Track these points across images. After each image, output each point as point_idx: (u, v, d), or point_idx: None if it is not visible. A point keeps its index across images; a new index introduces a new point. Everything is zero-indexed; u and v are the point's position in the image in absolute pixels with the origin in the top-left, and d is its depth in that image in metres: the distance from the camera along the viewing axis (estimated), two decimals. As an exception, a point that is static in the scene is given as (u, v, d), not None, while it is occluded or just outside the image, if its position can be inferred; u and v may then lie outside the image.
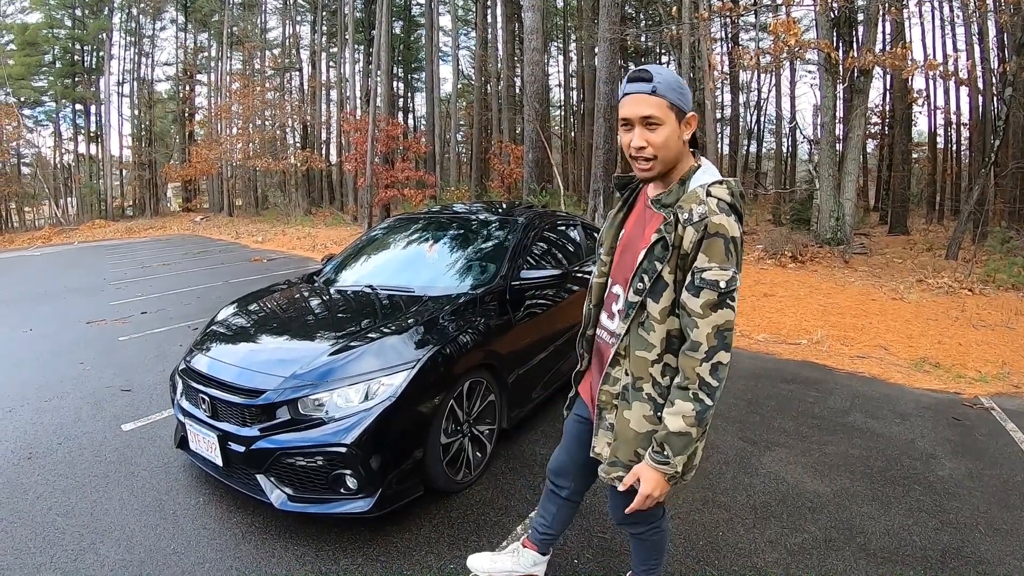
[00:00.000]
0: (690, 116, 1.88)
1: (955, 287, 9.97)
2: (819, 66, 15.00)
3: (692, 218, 1.78)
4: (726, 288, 1.75)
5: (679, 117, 1.85)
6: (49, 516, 3.31)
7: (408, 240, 4.94)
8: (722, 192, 1.82)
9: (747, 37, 30.86)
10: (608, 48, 13.70)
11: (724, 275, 1.74)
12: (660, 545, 2.36)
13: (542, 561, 2.73)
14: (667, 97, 1.81)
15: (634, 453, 1.98)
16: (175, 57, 39.93)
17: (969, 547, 3.09)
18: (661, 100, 1.81)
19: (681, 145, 1.89)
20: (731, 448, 4.19)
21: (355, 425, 2.96)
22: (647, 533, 2.30)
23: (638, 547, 2.38)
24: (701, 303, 1.76)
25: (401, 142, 24.11)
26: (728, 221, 1.76)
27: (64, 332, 7.57)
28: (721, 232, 1.75)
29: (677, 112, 1.83)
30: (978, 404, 5.24)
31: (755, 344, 6.94)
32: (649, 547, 2.35)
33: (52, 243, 23.73)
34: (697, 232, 1.76)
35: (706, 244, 1.75)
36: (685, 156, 1.92)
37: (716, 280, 1.74)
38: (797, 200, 20.66)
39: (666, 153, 1.85)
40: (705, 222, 1.76)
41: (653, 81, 1.81)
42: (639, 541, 2.35)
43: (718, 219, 1.76)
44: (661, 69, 1.84)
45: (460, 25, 33.49)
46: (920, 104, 23.44)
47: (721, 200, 1.80)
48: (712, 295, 1.75)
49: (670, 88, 1.81)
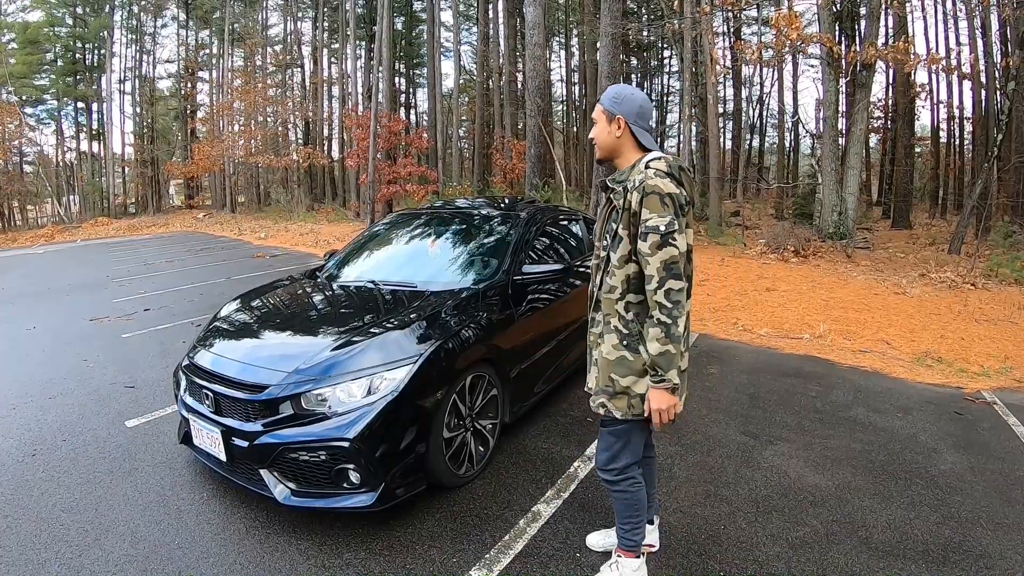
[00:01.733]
0: (617, 118, 2.43)
1: (958, 282, 9.96)
2: (821, 60, 14.96)
3: (636, 184, 2.32)
4: (666, 230, 2.23)
5: (609, 119, 2.45)
6: (54, 512, 3.32)
7: (410, 235, 4.95)
8: (659, 164, 2.35)
9: (749, 31, 30.75)
10: (610, 43, 13.69)
11: (663, 220, 2.23)
12: (635, 499, 2.59)
13: (652, 530, 2.95)
14: (603, 104, 2.47)
15: (608, 379, 2.46)
16: (176, 54, 39.83)
17: (971, 541, 3.09)
18: (600, 106, 2.49)
19: (613, 139, 2.46)
20: (733, 442, 4.20)
21: (358, 420, 2.97)
22: (623, 483, 2.56)
23: (618, 504, 2.63)
24: (648, 244, 2.25)
25: (403, 138, 24.07)
26: (663, 182, 2.28)
27: (68, 329, 7.58)
28: (656, 190, 2.26)
29: (608, 115, 2.45)
30: (980, 399, 5.24)
31: (757, 338, 6.94)
32: (626, 501, 2.59)
33: (55, 241, 23.73)
34: (639, 193, 2.29)
35: (645, 200, 2.27)
36: (625, 148, 2.47)
37: (656, 225, 2.24)
38: (800, 195, 20.62)
39: (600, 142, 2.50)
40: (643, 184, 2.28)
41: (601, 95, 2.52)
42: (616, 495, 2.60)
43: (653, 181, 2.27)
44: (617, 86, 2.51)
45: (462, 20, 33.41)
46: (923, 98, 23.35)
47: (659, 170, 2.32)
48: (656, 237, 2.24)
49: (607, 98, 2.47)
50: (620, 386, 2.42)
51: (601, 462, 2.58)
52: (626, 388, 2.41)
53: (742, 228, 16.17)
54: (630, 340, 2.40)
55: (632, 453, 2.54)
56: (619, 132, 2.43)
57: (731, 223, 18.06)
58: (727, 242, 14.50)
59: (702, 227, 16.48)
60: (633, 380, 2.40)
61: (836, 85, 14.30)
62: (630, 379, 2.40)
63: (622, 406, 2.43)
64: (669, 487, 3.57)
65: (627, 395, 2.41)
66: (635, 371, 2.39)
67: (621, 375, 2.41)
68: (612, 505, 2.67)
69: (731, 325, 7.44)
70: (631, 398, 2.41)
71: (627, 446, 2.51)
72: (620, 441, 2.51)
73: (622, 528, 2.64)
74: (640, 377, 2.39)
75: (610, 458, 2.54)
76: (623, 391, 2.42)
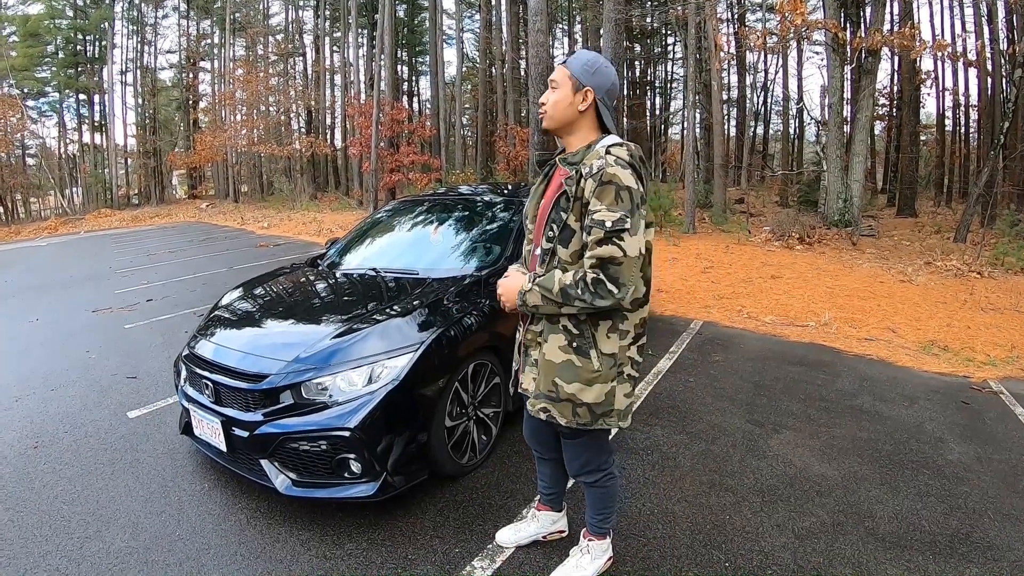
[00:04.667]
0: (586, 90, 2.18)
1: (964, 270, 9.90)
2: (826, 47, 14.85)
3: (592, 170, 2.08)
4: (612, 228, 2.01)
5: (576, 88, 2.18)
6: (55, 504, 3.31)
7: (412, 222, 4.92)
8: (621, 152, 2.12)
9: (754, 17, 30.57)
10: (613, 29, 13.54)
11: (611, 216, 2.02)
12: (613, 491, 2.56)
13: (560, 517, 2.94)
14: (570, 68, 2.19)
15: (552, 383, 2.25)
16: (178, 45, 39.81)
17: (978, 532, 3.06)
18: (565, 70, 2.21)
19: (572, 111, 2.21)
20: (738, 431, 4.17)
21: (359, 409, 2.94)
22: (602, 480, 2.50)
23: (593, 497, 2.58)
24: (592, 239, 2.05)
25: (406, 126, 23.97)
26: (623, 173, 2.05)
27: (70, 321, 7.58)
28: (614, 181, 2.03)
29: (575, 84, 2.18)
30: (987, 388, 5.19)
31: (762, 326, 6.90)
32: (603, 495, 2.55)
33: (58, 233, 23.74)
34: (594, 182, 2.06)
35: (599, 190, 2.05)
36: (584, 124, 2.24)
37: (603, 220, 2.02)
38: (804, 182, 20.55)
39: (553, 111, 2.22)
40: (601, 173, 2.05)
41: (569, 57, 2.25)
42: (593, 490, 2.54)
43: (612, 170, 2.04)
44: (587, 52, 2.25)
45: (464, 8, 33.16)
46: (928, 85, 23.29)
47: (620, 158, 2.09)
48: (599, 232, 2.03)
49: (578, 62, 2.20)
50: (564, 392, 2.22)
51: (574, 470, 2.51)
52: (571, 395, 2.22)
53: (746, 215, 16.08)
54: (580, 343, 2.19)
55: (601, 451, 2.47)
56: (583, 106, 2.19)
57: (735, 210, 17.98)
58: (731, 229, 14.41)
59: (706, 214, 16.41)
60: (579, 388, 2.20)
61: (841, 72, 14.19)
62: (576, 386, 2.20)
63: (566, 413, 2.25)
64: (674, 476, 3.54)
65: (572, 402, 2.22)
66: (583, 379, 2.19)
67: (566, 380, 2.21)
68: (586, 496, 2.63)
69: (736, 312, 7.40)
70: (576, 406, 2.22)
71: (594, 448, 2.45)
72: (587, 449, 2.45)
73: (596, 517, 2.61)
74: (588, 385, 2.20)
75: (581, 465, 2.47)
76: (567, 398, 2.22)
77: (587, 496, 2.60)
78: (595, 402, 2.22)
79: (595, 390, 2.20)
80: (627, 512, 3.15)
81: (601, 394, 2.21)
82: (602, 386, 2.21)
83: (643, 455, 3.80)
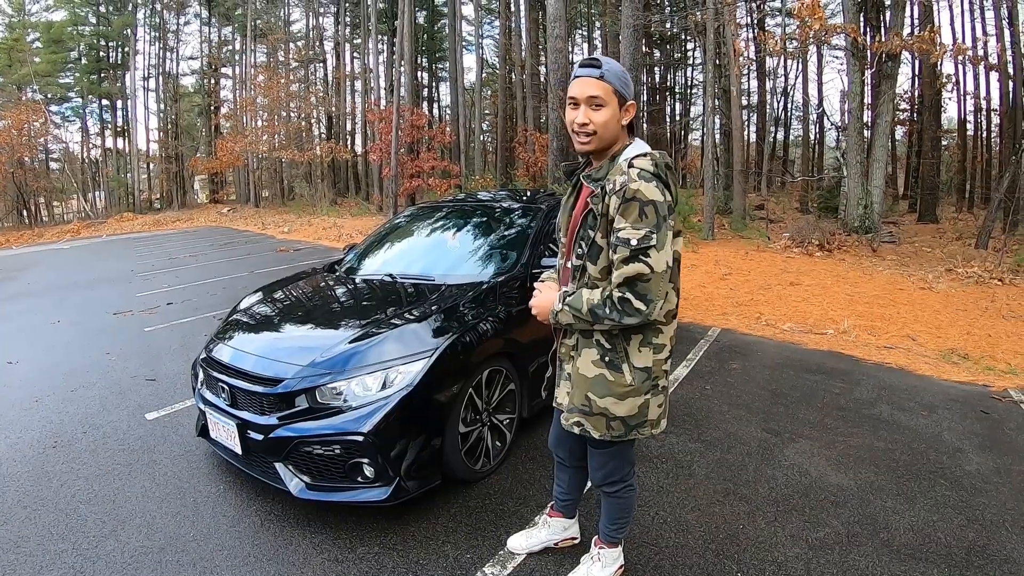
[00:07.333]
0: (630, 104, 2.14)
1: (985, 277, 9.76)
2: (846, 51, 14.73)
3: (616, 187, 2.04)
4: (637, 246, 1.99)
5: (621, 103, 2.11)
6: (72, 503, 3.36)
7: (430, 228, 4.94)
8: (645, 163, 2.07)
9: (773, 23, 30.37)
10: (632, 35, 13.54)
11: (636, 234, 1.99)
12: (630, 503, 2.56)
13: (572, 524, 2.94)
14: (612, 83, 2.08)
15: (585, 397, 2.26)
16: (200, 51, 40.41)
17: (995, 545, 3.01)
18: (607, 85, 2.07)
19: (619, 128, 2.14)
20: (754, 439, 4.14)
21: (373, 413, 2.95)
22: (621, 491, 2.50)
23: (609, 506, 2.56)
24: (618, 258, 2.03)
25: (426, 132, 24.08)
26: (647, 187, 2.00)
27: (91, 323, 7.68)
28: (638, 196, 1.99)
29: (620, 98, 2.10)
30: (1007, 397, 5.11)
31: (780, 333, 6.85)
32: (620, 505, 2.54)
33: (81, 236, 24.09)
34: (619, 199, 2.02)
35: (623, 207, 2.01)
36: (620, 137, 2.17)
37: (628, 238, 2.00)
38: (824, 188, 20.37)
39: (604, 131, 2.11)
40: (624, 189, 2.01)
41: (602, 68, 2.08)
42: (612, 500, 2.53)
43: (636, 185, 2.00)
44: (610, 60, 2.12)
45: (483, 14, 33.35)
46: (949, 90, 22.92)
47: (643, 170, 2.04)
48: (625, 251, 2.01)
49: (616, 76, 2.09)
50: (597, 407, 2.24)
51: (598, 480, 2.50)
52: (604, 409, 2.23)
53: (766, 221, 16.01)
54: (613, 357, 2.20)
55: (625, 463, 2.46)
56: (627, 119, 2.15)
57: (755, 216, 17.89)
58: (751, 236, 14.34)
59: (726, 220, 16.33)
60: (613, 402, 2.21)
61: (861, 76, 14.07)
62: (609, 400, 2.22)
63: (600, 427, 2.26)
64: (688, 485, 3.52)
65: (605, 416, 2.24)
66: (615, 393, 2.20)
67: (599, 395, 2.23)
68: (601, 505, 2.61)
69: (754, 320, 7.35)
70: (610, 420, 2.24)
71: (620, 459, 2.45)
72: (613, 459, 2.43)
73: (610, 526, 2.59)
74: (620, 400, 2.21)
75: (606, 475, 2.46)
76: (600, 412, 2.24)
77: (604, 505, 2.59)
78: (628, 415, 2.23)
79: (628, 404, 2.21)
80: (640, 520, 3.14)
81: (634, 407, 2.22)
82: (635, 399, 2.22)
83: (657, 463, 3.78)
